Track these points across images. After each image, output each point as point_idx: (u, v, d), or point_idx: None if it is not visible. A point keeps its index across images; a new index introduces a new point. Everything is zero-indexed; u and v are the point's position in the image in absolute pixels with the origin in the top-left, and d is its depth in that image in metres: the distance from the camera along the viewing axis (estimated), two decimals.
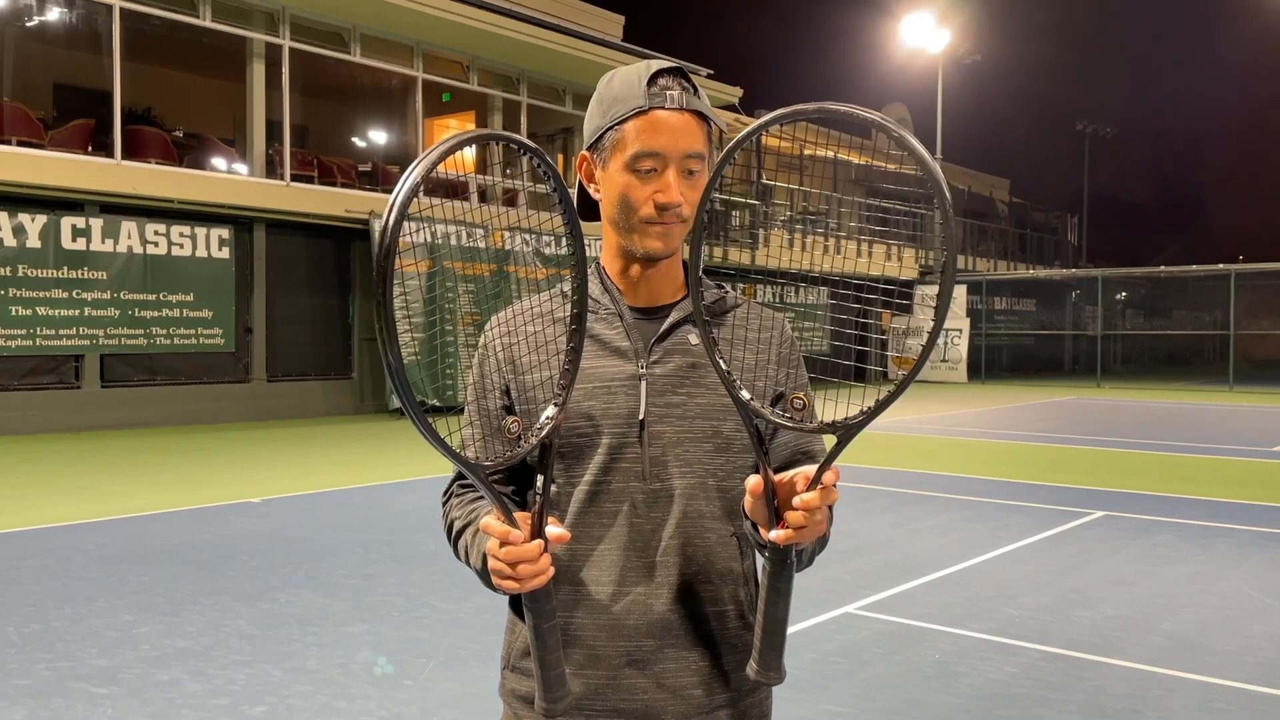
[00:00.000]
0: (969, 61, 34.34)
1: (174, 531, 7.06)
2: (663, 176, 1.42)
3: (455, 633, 4.83)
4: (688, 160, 1.42)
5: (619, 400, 1.45)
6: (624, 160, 1.42)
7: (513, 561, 1.26)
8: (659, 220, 1.43)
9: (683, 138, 1.41)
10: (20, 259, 12.74)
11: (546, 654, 1.31)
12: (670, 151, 1.41)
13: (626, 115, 1.42)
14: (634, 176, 1.42)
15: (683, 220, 1.44)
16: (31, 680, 4.12)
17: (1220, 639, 4.89)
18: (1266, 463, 11.81)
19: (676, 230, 1.45)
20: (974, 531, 7.44)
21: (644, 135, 1.41)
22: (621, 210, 1.45)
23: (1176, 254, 49.57)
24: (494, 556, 1.28)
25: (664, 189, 1.42)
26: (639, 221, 1.44)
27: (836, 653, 4.64)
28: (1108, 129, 47.52)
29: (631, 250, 1.47)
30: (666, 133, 1.41)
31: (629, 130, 1.42)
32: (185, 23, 14.82)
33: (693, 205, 1.44)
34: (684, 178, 1.43)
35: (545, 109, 20.18)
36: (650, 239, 1.45)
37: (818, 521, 1.26)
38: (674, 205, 1.42)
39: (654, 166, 1.41)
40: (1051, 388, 26.44)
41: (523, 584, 1.27)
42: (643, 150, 1.41)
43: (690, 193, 1.43)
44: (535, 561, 1.26)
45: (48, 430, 12.90)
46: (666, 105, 1.41)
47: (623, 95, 1.43)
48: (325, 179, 16.51)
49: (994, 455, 12.20)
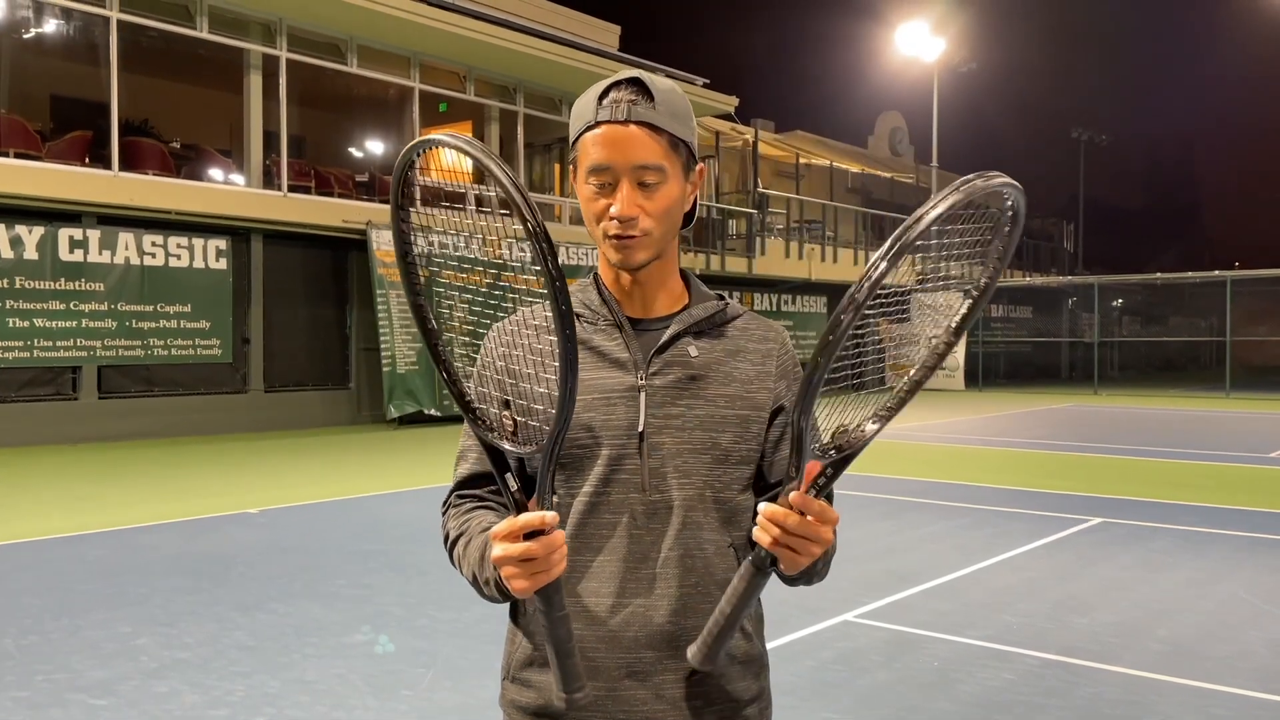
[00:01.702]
0: (964, 69, 34.45)
1: (172, 543, 7.05)
2: (617, 190, 1.42)
3: (454, 642, 4.83)
4: (640, 171, 1.41)
5: (618, 411, 1.46)
6: (583, 175, 1.45)
7: (549, 550, 1.26)
8: (617, 233, 1.43)
9: (630, 150, 1.41)
10: (17, 271, 12.74)
11: (563, 644, 1.32)
12: (618, 164, 1.41)
13: (581, 130, 1.44)
14: (592, 190, 1.44)
15: (645, 233, 1.43)
16: (30, 692, 4.12)
17: (1217, 645, 4.89)
18: (1263, 469, 11.82)
19: (638, 243, 1.43)
20: (971, 539, 7.45)
21: (595, 149, 1.42)
22: (589, 223, 1.48)
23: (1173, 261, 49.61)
24: (524, 552, 1.26)
25: (617, 202, 1.42)
26: (601, 234, 1.46)
27: (835, 660, 4.65)
28: (1103, 136, 47.64)
29: (610, 262, 1.49)
30: (613, 146, 1.41)
31: (585, 144, 1.43)
32: (182, 34, 14.85)
33: (654, 216, 1.43)
34: (639, 189, 1.42)
35: (542, 119, 20.22)
36: (610, 250, 1.46)
37: (807, 542, 1.28)
38: (627, 218, 1.41)
39: (607, 180, 1.42)
40: (1048, 395, 26.46)
41: (552, 572, 1.27)
42: (594, 164, 1.42)
43: (649, 204, 1.42)
44: (552, 553, 1.27)
45: (45, 442, 12.89)
46: (614, 118, 1.41)
47: (582, 111, 1.45)
48: (322, 189, 16.52)
49: (991, 462, 12.21)
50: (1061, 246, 43.26)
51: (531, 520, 1.27)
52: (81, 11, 14.11)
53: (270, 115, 15.86)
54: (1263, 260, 37.60)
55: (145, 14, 14.33)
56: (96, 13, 13.96)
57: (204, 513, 8.22)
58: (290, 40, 15.97)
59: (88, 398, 13.46)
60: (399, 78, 17.71)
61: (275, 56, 15.79)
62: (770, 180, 27.88)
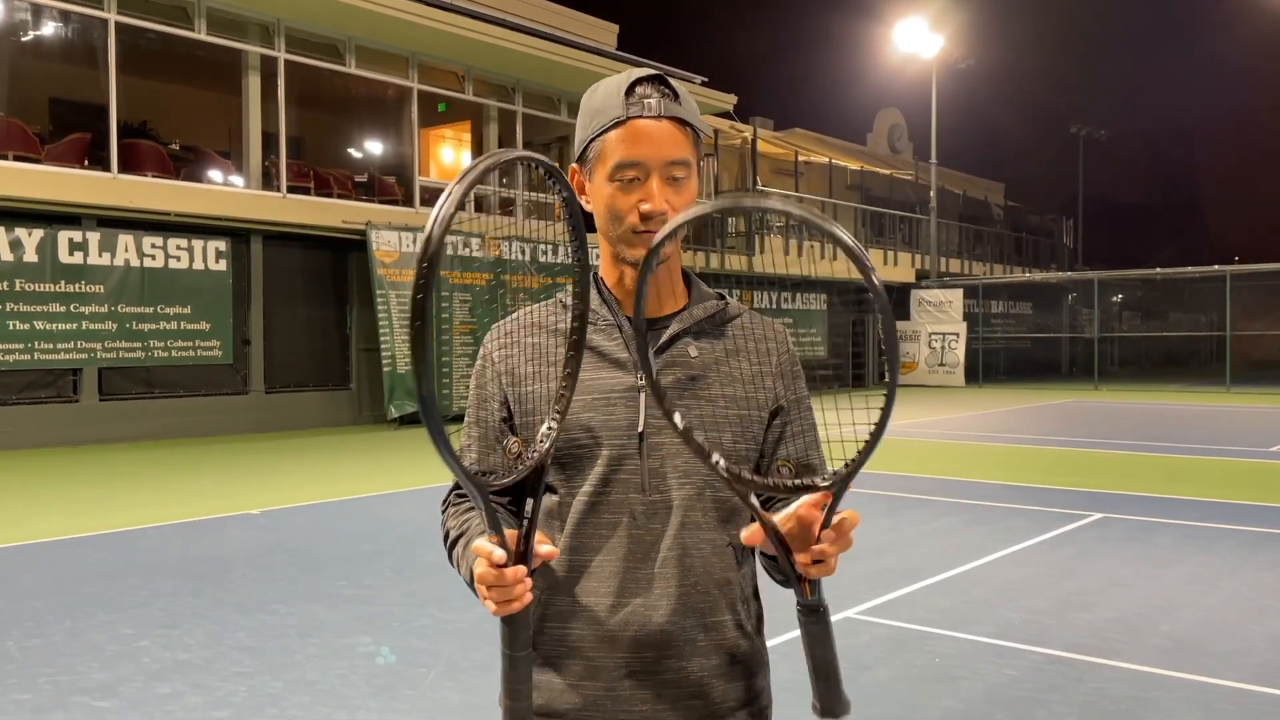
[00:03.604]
0: (962, 66, 34.40)
1: (173, 544, 7.06)
2: (646, 185, 1.42)
3: (455, 642, 4.83)
4: (670, 167, 1.43)
5: (618, 412, 1.46)
6: (607, 171, 1.43)
7: (489, 584, 1.24)
8: (645, 229, 1.43)
9: (664, 145, 1.42)
10: (17, 273, 12.74)
11: (516, 684, 1.28)
12: (651, 160, 1.42)
13: (607, 126, 1.43)
14: (617, 187, 1.43)
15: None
16: (32, 694, 4.12)
17: (1219, 640, 4.89)
18: (1264, 463, 11.82)
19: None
20: (973, 535, 7.45)
21: (624, 145, 1.42)
22: (610, 221, 1.46)
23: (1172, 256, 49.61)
24: (479, 577, 1.26)
25: (648, 197, 1.42)
26: (627, 231, 1.45)
27: None
28: (1102, 132, 47.60)
29: (624, 259, 1.48)
30: (646, 141, 1.41)
31: (610, 141, 1.43)
32: (180, 36, 14.85)
33: (679, 211, 1.43)
34: (668, 185, 1.43)
35: (541, 118, 20.22)
36: (638, 248, 1.45)
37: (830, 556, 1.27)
38: (659, 213, 1.42)
39: (636, 176, 1.42)
40: (1049, 390, 26.46)
41: (497, 608, 1.25)
42: (624, 160, 1.42)
43: (676, 199, 1.43)
44: (510, 588, 1.24)
45: (46, 444, 12.89)
46: (645, 114, 1.41)
47: (603, 107, 1.44)
48: (321, 190, 16.52)
49: (992, 459, 12.21)
50: (1061, 242, 43.24)
51: (483, 553, 1.24)
52: (80, 14, 14.11)
53: (269, 116, 15.86)
54: (1262, 255, 37.57)
55: (143, 16, 14.33)
56: (95, 15, 13.96)
57: (205, 514, 8.23)
58: (288, 41, 15.96)
59: (88, 400, 13.46)
60: (397, 78, 17.71)
61: (274, 58, 15.79)
62: (769, 178, 27.89)
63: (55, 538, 7.29)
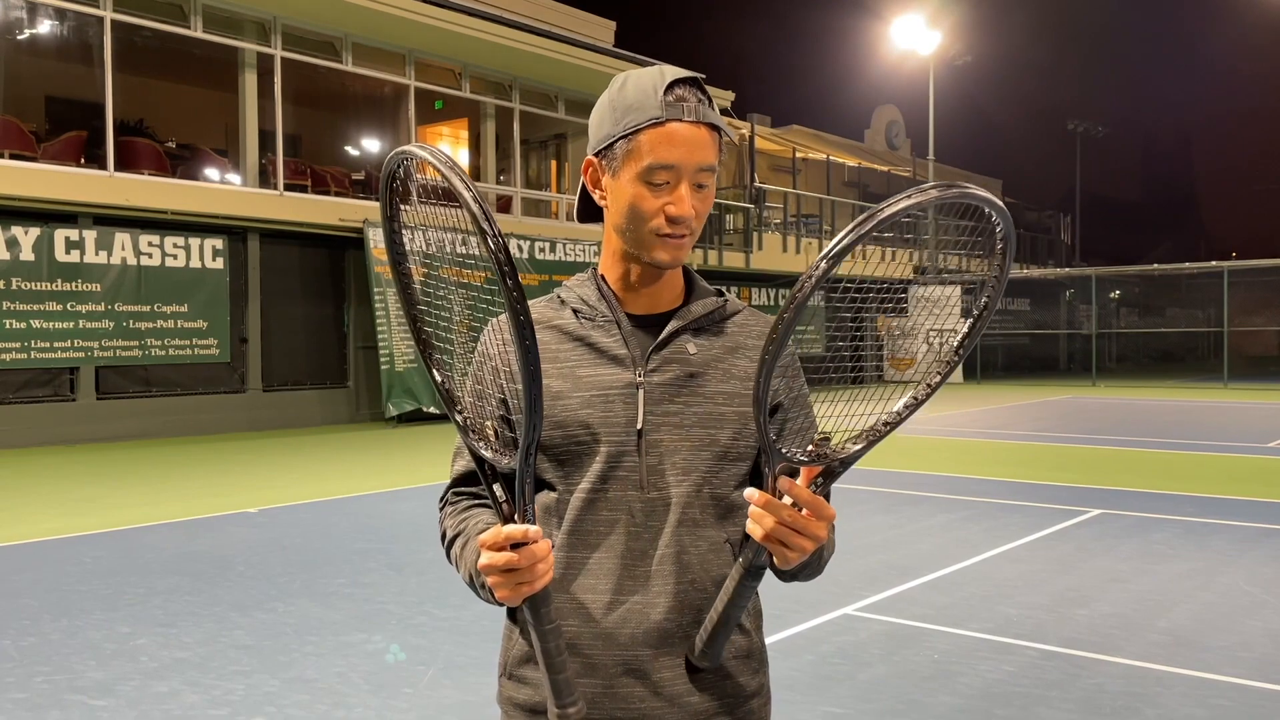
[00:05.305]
0: (960, 63, 34.45)
1: (171, 542, 7.05)
2: (676, 189, 1.41)
3: (453, 640, 4.82)
4: (700, 174, 1.41)
5: (616, 409, 1.45)
6: (637, 171, 1.41)
7: (533, 561, 1.27)
8: (670, 233, 1.42)
9: (698, 151, 1.40)
10: (14, 272, 12.72)
11: (554, 658, 1.32)
12: (685, 164, 1.40)
13: (642, 125, 1.40)
14: (646, 188, 1.41)
15: (692, 232, 1.44)
16: (29, 693, 4.11)
17: (1217, 635, 4.90)
18: (1262, 459, 11.83)
19: (686, 243, 1.44)
20: (971, 531, 7.45)
21: (660, 147, 1.39)
22: (631, 220, 1.43)
23: (1169, 252, 49.65)
24: (507, 562, 1.27)
25: (676, 202, 1.40)
26: (649, 233, 1.43)
27: (835, 654, 4.65)
28: (1099, 128, 47.65)
29: (638, 259, 1.47)
30: (683, 146, 1.39)
31: (644, 141, 1.40)
32: (176, 34, 14.82)
33: (702, 218, 1.44)
34: (694, 190, 1.42)
35: (538, 115, 20.20)
36: (659, 250, 1.44)
37: (799, 536, 1.30)
38: (685, 218, 1.41)
39: (668, 179, 1.40)
40: (1047, 387, 26.48)
41: (535, 584, 1.28)
42: (658, 163, 1.39)
43: (700, 205, 1.43)
44: (535, 565, 1.28)
45: (43, 443, 12.88)
46: (684, 118, 1.39)
47: (638, 103, 1.40)
48: (319, 188, 16.51)
49: (990, 455, 12.22)
50: (1059, 238, 43.25)
51: (514, 532, 1.27)
52: (76, 12, 14.08)
53: (266, 114, 15.84)
54: (1259, 251, 37.64)
55: (139, 14, 14.30)
56: (91, 13, 13.93)
57: (202, 513, 8.22)
58: (285, 39, 15.94)
59: (85, 398, 13.45)
60: (394, 75, 17.69)
61: (270, 55, 15.77)
62: (767, 175, 27.87)
63: (52, 536, 7.28)
